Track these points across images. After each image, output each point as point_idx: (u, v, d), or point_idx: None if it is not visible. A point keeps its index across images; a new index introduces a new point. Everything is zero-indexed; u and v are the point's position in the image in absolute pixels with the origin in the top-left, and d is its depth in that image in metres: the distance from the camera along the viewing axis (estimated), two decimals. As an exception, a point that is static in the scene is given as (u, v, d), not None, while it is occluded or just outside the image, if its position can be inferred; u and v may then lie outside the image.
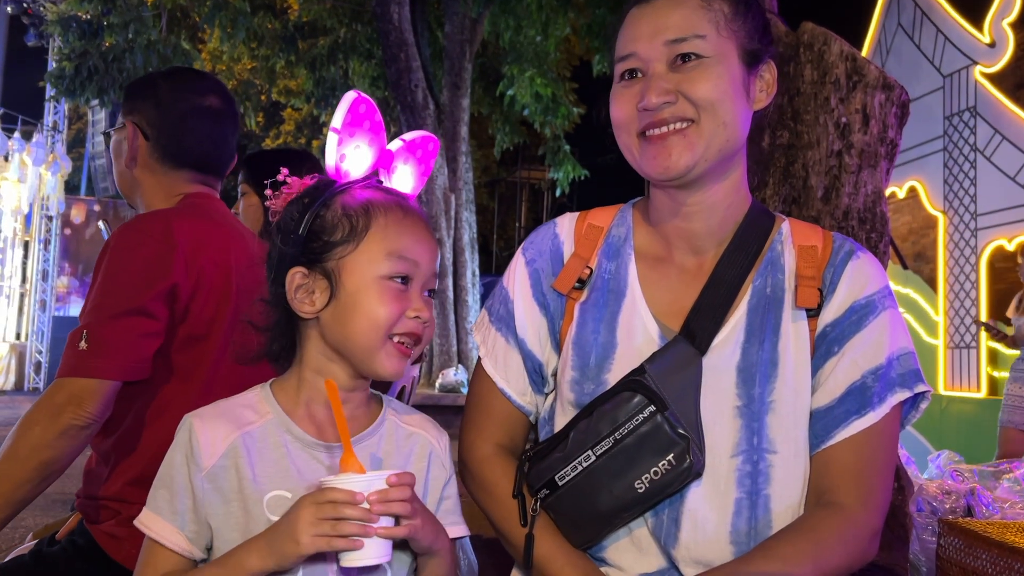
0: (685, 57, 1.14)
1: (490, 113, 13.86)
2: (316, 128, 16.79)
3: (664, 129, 1.15)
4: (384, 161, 1.18)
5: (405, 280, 1.09)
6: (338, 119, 1.10)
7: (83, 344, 1.47)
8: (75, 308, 16.85)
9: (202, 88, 1.78)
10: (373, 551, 0.96)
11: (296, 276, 1.10)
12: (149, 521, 1.08)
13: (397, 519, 0.98)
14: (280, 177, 1.14)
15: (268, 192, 1.14)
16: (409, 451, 1.15)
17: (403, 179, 1.20)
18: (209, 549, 1.09)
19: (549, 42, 11.49)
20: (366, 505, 0.95)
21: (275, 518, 1.03)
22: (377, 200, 1.12)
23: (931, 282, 7.02)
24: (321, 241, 1.09)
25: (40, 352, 16.33)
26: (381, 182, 1.17)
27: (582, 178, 12.75)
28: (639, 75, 1.17)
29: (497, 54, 12.77)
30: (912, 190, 7.16)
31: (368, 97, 1.13)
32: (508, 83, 11.97)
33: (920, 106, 6.85)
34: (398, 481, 0.97)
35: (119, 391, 1.52)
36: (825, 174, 2.19)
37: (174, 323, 1.57)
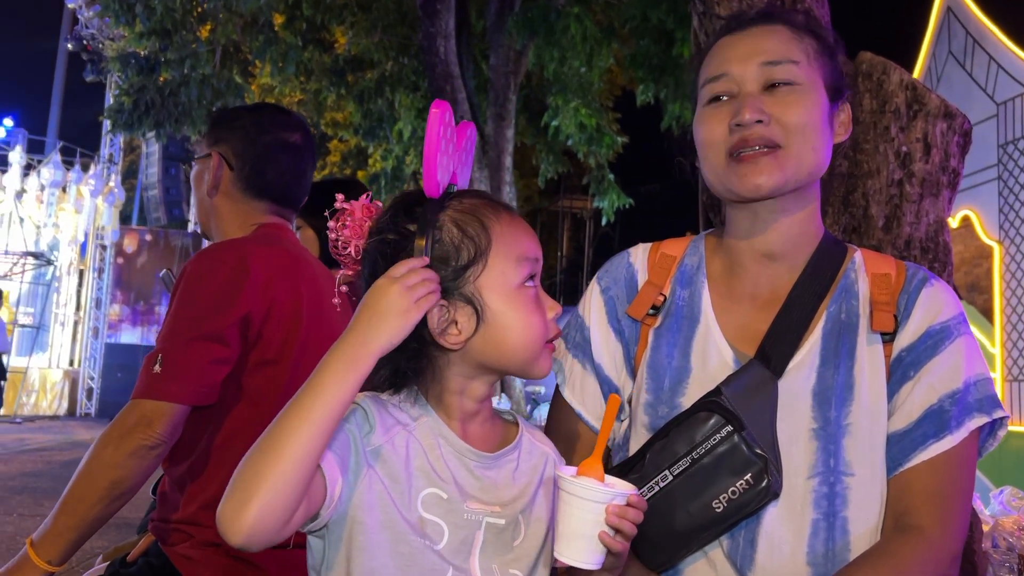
0: (776, 84, 1.17)
1: (534, 143, 13.98)
2: (362, 159, 17.03)
3: (755, 150, 1.16)
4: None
5: (533, 279, 1.08)
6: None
7: (157, 368, 1.52)
8: (127, 335, 17.23)
9: (287, 124, 1.85)
10: (592, 555, 0.98)
11: (435, 309, 1.04)
12: None
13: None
14: (337, 204, 1.09)
15: (330, 224, 1.10)
16: (536, 465, 1.15)
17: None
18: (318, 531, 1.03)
19: (593, 73, 11.58)
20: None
21: (428, 515, 1.03)
22: (481, 206, 1.09)
23: (986, 313, 6.86)
24: (450, 268, 1.05)
25: (92, 378, 16.69)
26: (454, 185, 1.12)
27: (626, 207, 12.76)
28: (728, 98, 1.19)
29: (541, 85, 12.90)
30: (965, 219, 7.03)
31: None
32: (552, 114, 12.08)
33: (973, 134, 6.74)
34: (638, 503, 0.99)
35: (191, 417, 1.56)
36: (886, 203, 2.17)
37: (247, 349, 1.61)
